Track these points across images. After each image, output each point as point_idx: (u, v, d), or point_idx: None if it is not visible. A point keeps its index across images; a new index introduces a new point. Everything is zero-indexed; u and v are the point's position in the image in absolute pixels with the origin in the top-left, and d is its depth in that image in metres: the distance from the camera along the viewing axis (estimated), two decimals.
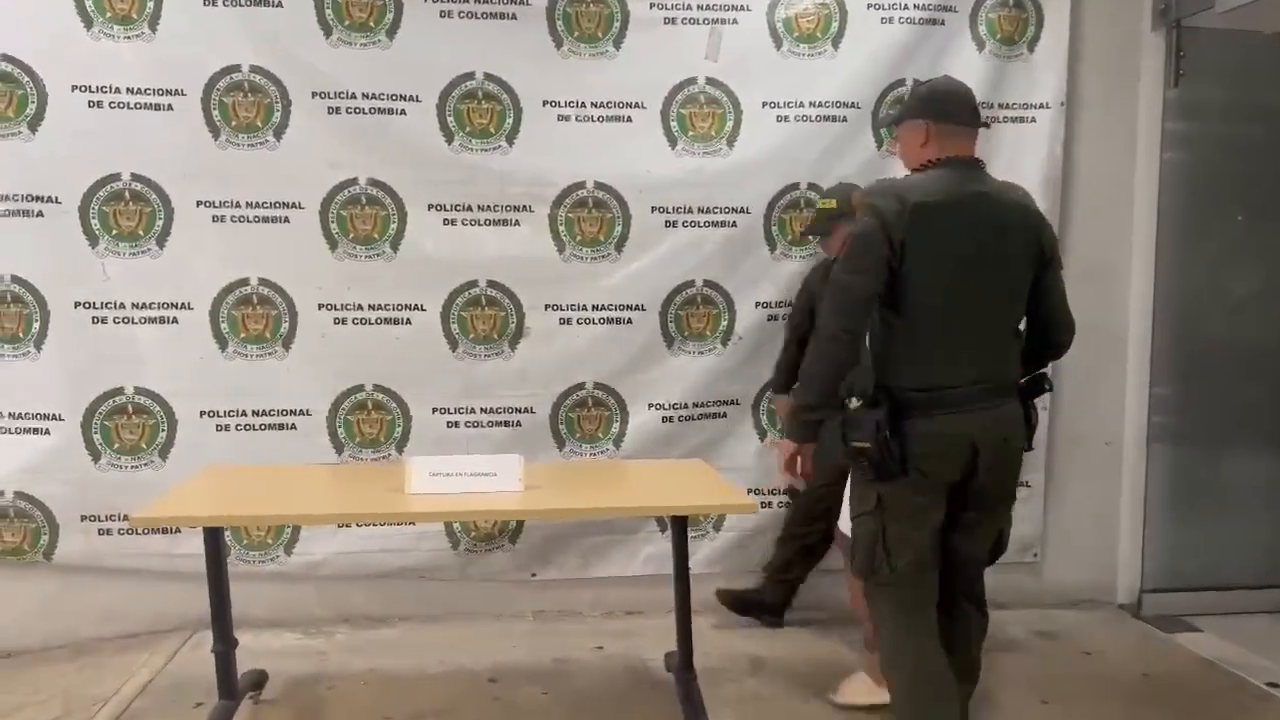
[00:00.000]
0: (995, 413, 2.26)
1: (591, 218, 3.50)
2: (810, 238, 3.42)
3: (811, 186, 3.54)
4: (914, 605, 2.30)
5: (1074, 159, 3.69)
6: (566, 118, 3.44)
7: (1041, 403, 3.61)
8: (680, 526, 2.68)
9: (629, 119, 3.47)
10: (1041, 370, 2.43)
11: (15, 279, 3.27)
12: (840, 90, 3.53)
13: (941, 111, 2.33)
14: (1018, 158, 3.58)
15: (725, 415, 3.59)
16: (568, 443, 3.55)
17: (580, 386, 3.53)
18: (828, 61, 3.54)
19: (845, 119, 3.54)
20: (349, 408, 3.44)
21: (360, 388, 3.44)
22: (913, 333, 2.22)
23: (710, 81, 3.50)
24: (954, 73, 3.47)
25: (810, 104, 3.53)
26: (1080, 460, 3.80)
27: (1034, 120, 3.63)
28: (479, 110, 3.40)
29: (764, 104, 3.52)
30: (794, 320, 3.41)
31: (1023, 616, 3.64)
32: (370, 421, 3.45)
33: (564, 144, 3.43)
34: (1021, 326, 2.37)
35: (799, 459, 2.33)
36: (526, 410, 3.49)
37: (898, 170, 3.48)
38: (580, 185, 3.48)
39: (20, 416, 3.29)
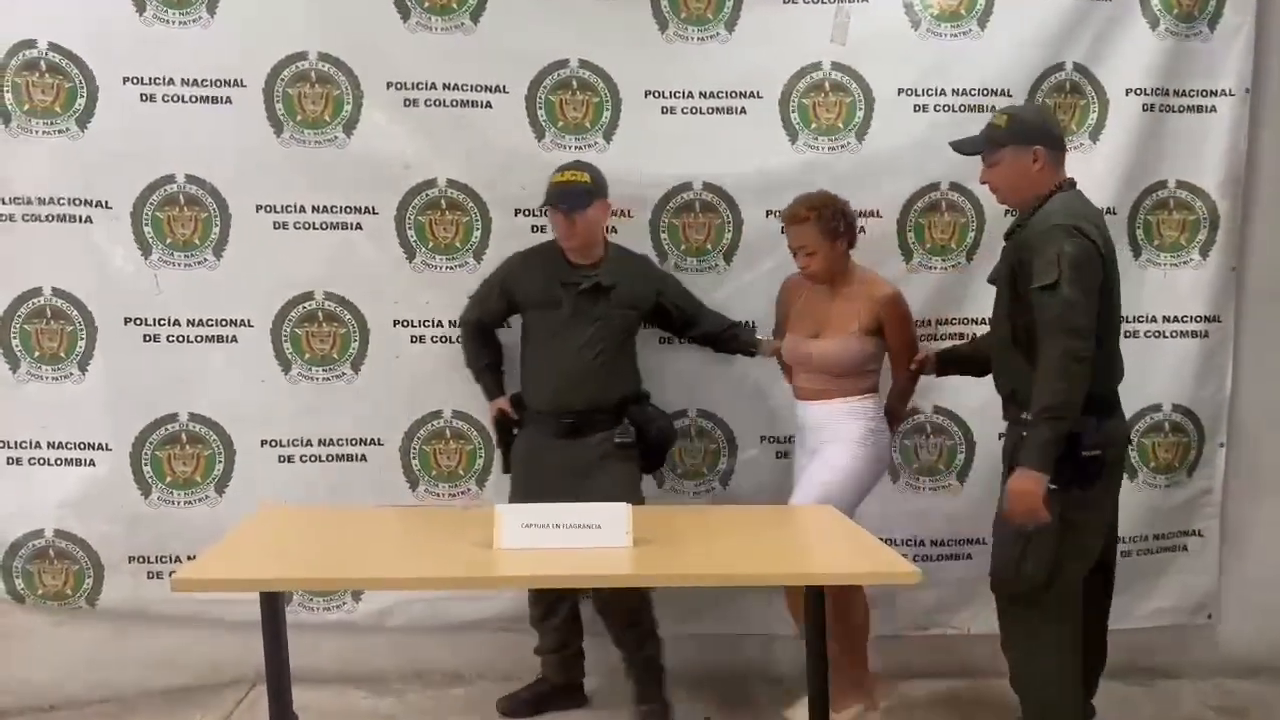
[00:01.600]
0: None
1: (698, 223, 3.09)
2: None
3: (954, 186, 3.09)
4: (1076, 618, 2.45)
5: (1259, 154, 3.18)
6: (671, 110, 3.04)
7: (1218, 438, 3.17)
8: (819, 598, 2.21)
9: (742, 110, 3.05)
10: None
11: (57, 292, 2.96)
12: (988, 75, 3.06)
13: (1053, 137, 2.49)
14: (1195, 152, 3.12)
15: None
16: (668, 478, 3.11)
17: (683, 413, 3.11)
18: (973, 43, 3.08)
19: (994, 109, 3.02)
20: (425, 436, 3.08)
21: (438, 414, 3.08)
22: (1101, 347, 2.35)
23: (837, 67, 3.06)
24: (1122, 55, 3.07)
25: (953, 91, 3.07)
26: (1263, 505, 3.28)
27: (1214, 109, 3.12)
28: (573, 102, 3.01)
29: (899, 91, 3.07)
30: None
31: (1198, 689, 3.16)
32: (448, 452, 3.08)
33: (668, 139, 3.03)
34: None
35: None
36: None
37: None
38: (686, 186, 3.07)
39: (62, 446, 2.98)
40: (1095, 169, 3.06)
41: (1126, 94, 3.07)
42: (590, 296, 2.76)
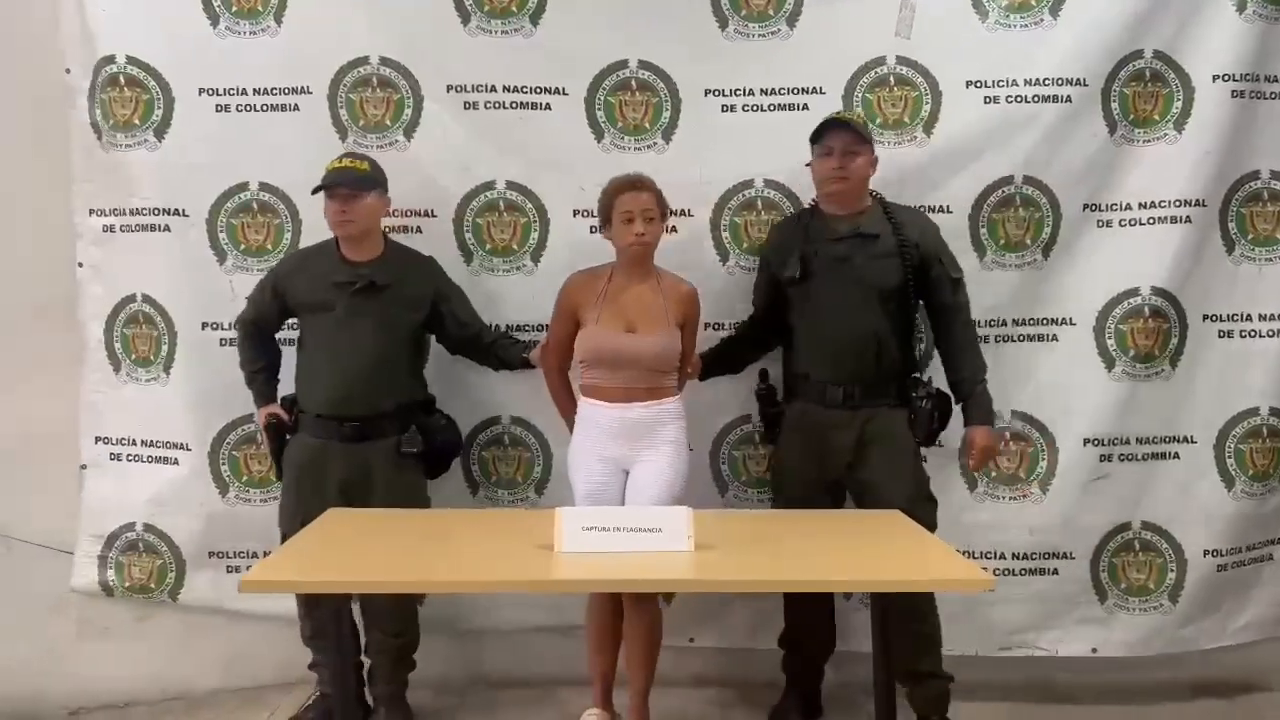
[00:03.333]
0: None
1: (759, 221, 3.01)
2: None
3: (1028, 180, 2.96)
4: None
5: None
6: (731, 108, 2.98)
7: None
8: (885, 605, 2.15)
9: (804, 107, 2.96)
10: None
11: (146, 298, 3.06)
12: (1062, 64, 2.93)
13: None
14: None
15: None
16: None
17: (494, 420, 3.07)
18: (1045, 32, 2.95)
19: (1069, 98, 2.94)
20: (484, 442, 3.08)
21: (496, 420, 3.07)
22: None
23: (902, 61, 2.97)
24: (1206, 39, 2.92)
25: (1025, 81, 2.93)
26: None
27: None
28: (632, 103, 2.98)
29: (968, 84, 2.95)
30: None
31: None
32: (507, 459, 3.08)
33: (728, 138, 2.98)
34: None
35: None
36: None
37: (1131, 160, 2.95)
38: (747, 184, 3.01)
39: (153, 444, 3.07)
40: (1182, 160, 2.93)
41: (1213, 80, 2.90)
42: (365, 296, 2.66)
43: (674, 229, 2.92)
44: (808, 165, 2.75)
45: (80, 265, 3.04)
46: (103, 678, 3.11)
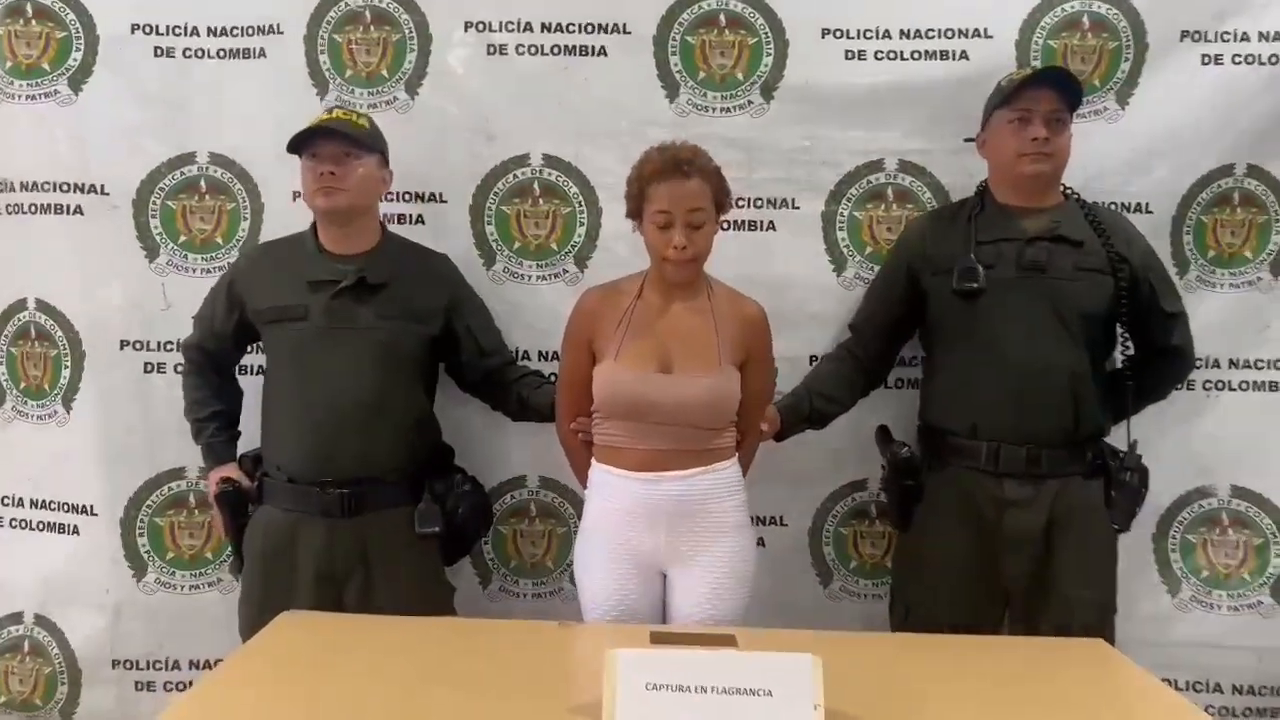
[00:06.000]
0: None
1: (889, 218, 2.27)
2: None
3: (1252, 172, 2.24)
4: None
5: None
6: (858, 54, 2.24)
7: None
8: None
9: (963, 55, 2.22)
10: None
11: (41, 305, 2.34)
12: None
13: None
14: None
15: None
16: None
17: (519, 482, 2.32)
18: None
19: None
20: (503, 513, 2.30)
21: (519, 482, 2.31)
22: None
23: None
24: None
25: (1261, 35, 2.20)
26: None
27: None
28: (720, 43, 2.24)
29: (1184, 34, 2.22)
30: None
31: None
32: (533, 536, 2.31)
33: (852, 98, 2.24)
34: None
35: None
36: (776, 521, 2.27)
37: None
38: (877, 166, 2.25)
39: (45, 505, 2.38)
40: None
41: None
42: (353, 300, 1.96)
43: (770, 225, 2.19)
44: (971, 140, 2.09)
45: None
46: None
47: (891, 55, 2.23)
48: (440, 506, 1.99)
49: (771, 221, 2.23)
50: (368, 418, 1.94)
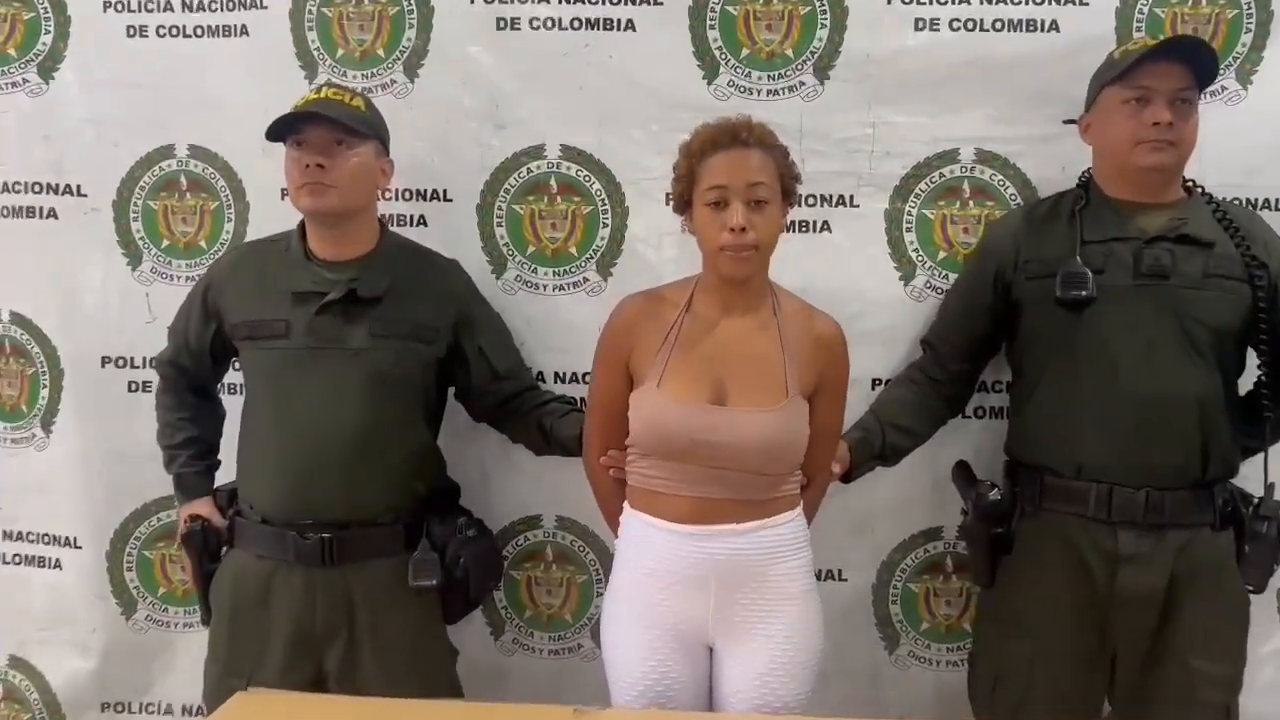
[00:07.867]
0: None
1: (965, 217, 1.94)
2: None
3: None
4: None
5: None
6: (930, 23, 1.90)
7: None
8: None
9: (1053, 25, 1.87)
10: None
11: (16, 319, 2.13)
12: None
13: None
14: None
15: None
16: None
17: (534, 521, 1.94)
18: None
19: None
20: (516, 556, 2.05)
21: (535, 522, 2.03)
22: None
23: None
24: None
25: None
26: None
27: None
28: (766, 14, 1.91)
29: None
30: None
31: None
32: (550, 584, 2.05)
33: (922, 77, 1.91)
34: None
35: None
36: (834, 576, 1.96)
37: None
38: (951, 156, 1.92)
39: (24, 537, 2.18)
40: None
41: None
42: (341, 316, 1.70)
43: (824, 226, 1.90)
44: (1073, 121, 1.78)
45: None
46: None
47: (969, 25, 1.89)
48: (439, 555, 1.73)
49: (827, 222, 1.93)
50: (354, 453, 1.68)
